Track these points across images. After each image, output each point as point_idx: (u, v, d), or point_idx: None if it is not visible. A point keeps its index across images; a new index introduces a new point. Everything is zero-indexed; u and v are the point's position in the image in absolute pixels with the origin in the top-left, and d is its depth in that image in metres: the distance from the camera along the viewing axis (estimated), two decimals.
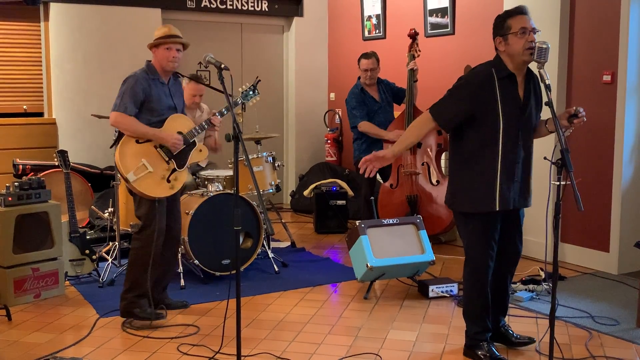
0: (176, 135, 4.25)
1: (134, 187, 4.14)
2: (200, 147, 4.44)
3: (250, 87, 4.90)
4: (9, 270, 4.56)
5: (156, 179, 4.20)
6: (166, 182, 4.24)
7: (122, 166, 4.13)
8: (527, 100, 3.52)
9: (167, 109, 4.28)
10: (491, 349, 3.61)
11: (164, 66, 4.25)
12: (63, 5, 6.79)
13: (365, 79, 6.12)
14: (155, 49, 4.24)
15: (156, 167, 4.21)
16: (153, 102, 4.19)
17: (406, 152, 5.98)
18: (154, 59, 4.28)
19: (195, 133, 4.37)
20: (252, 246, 5.21)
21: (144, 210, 4.21)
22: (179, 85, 4.46)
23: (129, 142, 4.18)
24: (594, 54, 5.39)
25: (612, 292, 4.86)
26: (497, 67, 3.47)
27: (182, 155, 4.31)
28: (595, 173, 5.39)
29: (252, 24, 8.11)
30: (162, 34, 4.25)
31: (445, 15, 6.65)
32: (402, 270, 4.84)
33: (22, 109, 6.89)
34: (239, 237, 3.50)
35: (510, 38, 3.40)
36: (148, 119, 4.20)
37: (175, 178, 4.28)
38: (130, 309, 4.22)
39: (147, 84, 4.18)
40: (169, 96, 4.30)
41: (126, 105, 4.12)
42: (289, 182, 8.50)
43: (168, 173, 4.25)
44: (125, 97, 4.14)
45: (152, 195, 4.17)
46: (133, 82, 4.16)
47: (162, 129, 4.23)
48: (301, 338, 4.03)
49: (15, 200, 4.62)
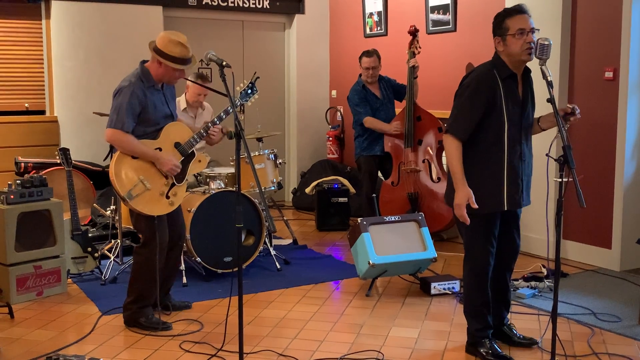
0: (175, 162, 4.03)
1: (132, 207, 3.94)
2: (199, 157, 4.22)
3: (249, 85, 4.62)
4: (11, 268, 4.56)
5: (155, 196, 3.99)
6: (165, 199, 4.03)
7: (119, 185, 3.91)
8: (526, 98, 3.54)
9: (162, 118, 4.06)
10: (493, 346, 3.61)
11: (165, 81, 4.04)
12: (64, 2, 6.79)
13: (366, 77, 6.12)
14: (161, 60, 3.92)
15: (154, 184, 3.99)
16: (149, 112, 3.96)
17: (407, 150, 5.98)
18: (153, 66, 3.99)
19: (194, 143, 4.15)
20: (254, 243, 5.21)
21: (142, 225, 4.03)
22: (172, 89, 4.22)
23: (124, 158, 3.95)
24: (595, 51, 5.38)
25: (614, 289, 4.86)
26: (499, 68, 3.47)
27: (181, 169, 4.10)
28: (597, 170, 5.38)
29: (254, 21, 8.10)
30: (180, 55, 3.90)
31: (447, 12, 6.64)
32: (404, 268, 4.84)
33: (24, 106, 6.89)
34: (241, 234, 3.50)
35: (508, 39, 3.40)
36: (143, 130, 3.98)
37: (175, 193, 4.08)
38: (135, 318, 4.11)
39: (143, 94, 3.93)
40: (164, 104, 4.08)
41: (123, 122, 3.86)
42: (290, 179, 8.50)
43: (167, 189, 4.04)
44: (121, 112, 3.87)
45: (152, 214, 3.98)
46: (129, 94, 3.88)
47: (159, 141, 4.03)
48: (303, 335, 4.04)
49: (17, 198, 4.62)
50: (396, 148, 6.07)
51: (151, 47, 3.98)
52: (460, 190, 3.44)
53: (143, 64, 4.04)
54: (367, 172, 6.16)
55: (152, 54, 3.98)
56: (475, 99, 3.44)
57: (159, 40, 3.95)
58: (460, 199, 3.43)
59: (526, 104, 3.53)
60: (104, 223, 5.96)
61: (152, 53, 3.97)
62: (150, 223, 4.01)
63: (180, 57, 3.92)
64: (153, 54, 3.96)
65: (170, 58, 3.91)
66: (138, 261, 4.12)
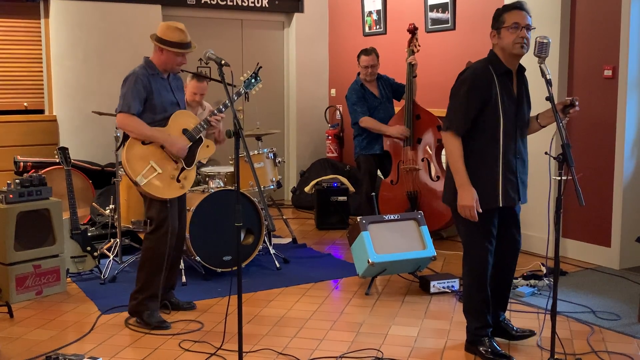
0: (182, 143, 4.15)
1: (145, 190, 4.04)
2: (207, 142, 4.35)
3: (252, 74, 4.72)
4: (10, 267, 4.56)
5: (166, 180, 4.11)
6: (176, 182, 4.15)
7: (131, 170, 4.03)
8: (521, 96, 3.56)
9: (169, 105, 4.19)
10: (492, 344, 3.62)
11: (168, 69, 4.15)
12: (63, 2, 6.79)
13: (365, 75, 6.12)
14: (162, 48, 4.08)
15: (165, 168, 4.11)
16: (155, 98, 4.08)
17: (406, 148, 5.98)
18: (155, 55, 4.14)
19: (201, 129, 4.27)
20: (253, 242, 5.21)
21: (154, 211, 4.12)
22: (179, 80, 4.36)
23: (135, 144, 4.08)
24: (594, 49, 5.38)
25: (613, 287, 4.86)
26: (494, 64, 3.50)
27: (190, 153, 4.22)
28: (596, 168, 5.38)
29: (253, 20, 8.09)
30: (179, 39, 4.07)
31: (446, 10, 6.64)
32: (403, 266, 4.84)
33: (23, 106, 6.88)
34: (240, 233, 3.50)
35: (502, 31, 3.44)
36: (152, 118, 4.10)
37: (185, 177, 4.19)
38: (139, 309, 4.13)
39: (148, 80, 4.07)
40: (170, 92, 4.21)
41: (130, 104, 4.01)
42: (290, 178, 8.50)
43: (177, 172, 4.16)
44: (127, 96, 4.02)
45: (164, 197, 4.09)
46: (133, 80, 4.04)
47: (167, 128, 4.15)
48: (303, 334, 4.04)
49: (16, 197, 4.62)
50: (395, 147, 6.06)
51: (152, 38, 4.15)
52: (466, 190, 3.44)
53: (147, 58, 4.21)
54: (366, 171, 6.16)
55: (153, 44, 4.14)
56: (471, 94, 3.46)
57: (159, 30, 4.14)
58: (466, 199, 3.43)
59: (521, 102, 3.55)
60: (103, 222, 5.95)
61: (154, 42, 4.13)
62: (162, 208, 4.11)
63: (180, 42, 4.07)
64: (155, 44, 4.13)
65: (170, 43, 4.06)
66: (147, 247, 4.18)
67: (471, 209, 3.43)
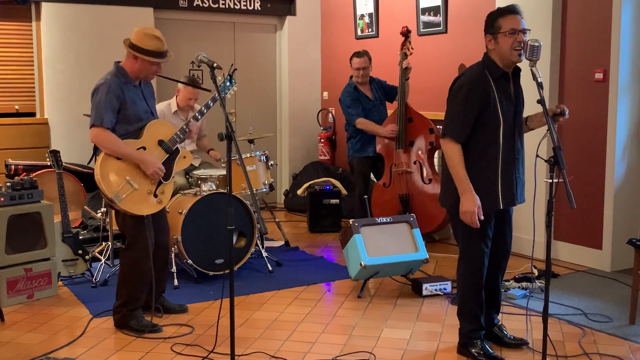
0: (159, 165, 3.98)
1: (121, 207, 3.89)
2: (184, 153, 4.19)
3: (227, 77, 4.50)
4: (1, 270, 4.54)
5: (142, 196, 3.95)
6: (153, 197, 4.00)
7: (105, 187, 3.86)
8: (518, 97, 3.56)
9: (144, 114, 4.02)
10: (485, 346, 3.62)
11: (141, 77, 4.00)
12: (54, 4, 6.77)
13: (357, 77, 6.13)
14: (137, 56, 3.91)
15: (141, 184, 3.95)
16: (128, 108, 3.92)
17: (399, 151, 5.99)
18: (128, 62, 3.97)
19: (177, 140, 4.11)
20: (245, 245, 5.20)
21: (129, 226, 3.99)
22: (150, 86, 4.18)
23: (109, 159, 3.90)
24: (585, 52, 5.40)
25: (605, 289, 4.88)
26: (490, 68, 3.49)
27: (167, 166, 4.05)
28: (587, 170, 5.40)
29: (245, 23, 8.10)
30: (155, 48, 3.90)
31: (438, 13, 6.65)
32: (395, 269, 4.84)
33: (14, 109, 6.86)
34: (233, 236, 3.49)
35: (499, 37, 3.42)
36: (126, 129, 3.94)
37: (162, 192, 4.04)
38: (125, 321, 4.08)
39: (120, 89, 3.89)
40: (143, 100, 4.04)
41: (102, 117, 3.83)
42: (282, 181, 8.50)
43: (154, 187, 4.01)
44: (99, 107, 3.84)
45: (141, 214, 3.95)
46: (105, 90, 3.86)
47: (142, 140, 3.98)
48: (295, 337, 4.03)
49: (7, 200, 4.60)
50: (388, 149, 6.07)
51: (126, 44, 3.98)
52: (468, 197, 3.44)
53: (117, 63, 4.04)
54: (360, 173, 6.16)
55: (127, 50, 3.98)
56: (469, 101, 3.44)
57: (134, 36, 3.96)
58: (469, 206, 3.43)
59: (518, 101, 3.56)
60: (94, 225, 5.94)
61: (127, 49, 3.97)
62: (137, 223, 3.99)
63: (156, 51, 3.93)
64: (128, 50, 3.97)
65: (146, 52, 3.92)
66: (124, 264, 4.10)
67: (473, 215, 3.43)
